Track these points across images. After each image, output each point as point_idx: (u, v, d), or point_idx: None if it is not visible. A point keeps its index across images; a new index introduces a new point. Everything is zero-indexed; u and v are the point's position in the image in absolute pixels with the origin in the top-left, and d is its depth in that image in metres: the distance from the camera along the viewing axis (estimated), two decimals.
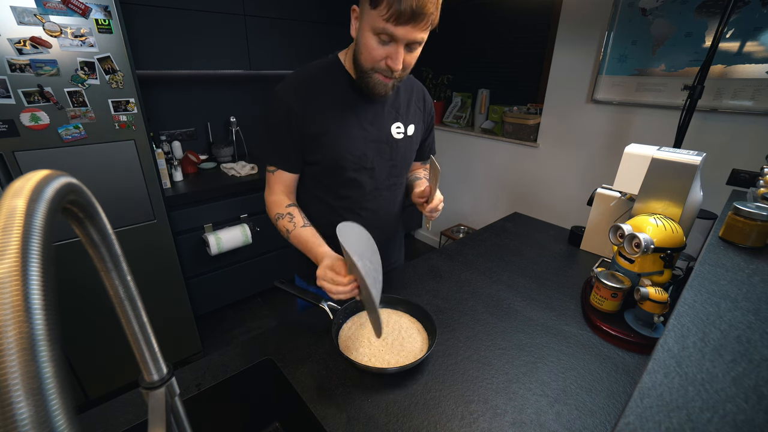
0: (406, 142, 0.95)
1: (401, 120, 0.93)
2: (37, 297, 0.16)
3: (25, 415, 0.15)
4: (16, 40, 1.19)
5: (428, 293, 0.97)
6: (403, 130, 0.94)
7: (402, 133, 0.93)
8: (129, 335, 0.36)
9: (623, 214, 1.09)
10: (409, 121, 0.95)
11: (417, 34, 0.71)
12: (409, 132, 0.95)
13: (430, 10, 0.68)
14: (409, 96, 0.96)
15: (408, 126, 0.95)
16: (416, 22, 0.69)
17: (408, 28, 0.70)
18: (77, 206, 0.25)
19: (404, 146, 0.95)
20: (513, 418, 0.63)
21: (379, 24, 0.70)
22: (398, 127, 0.93)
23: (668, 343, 0.41)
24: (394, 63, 0.74)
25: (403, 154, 0.96)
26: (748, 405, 0.32)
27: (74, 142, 1.37)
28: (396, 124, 0.92)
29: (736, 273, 0.56)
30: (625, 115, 1.92)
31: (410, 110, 0.95)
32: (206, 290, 2.09)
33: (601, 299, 0.85)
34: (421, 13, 0.67)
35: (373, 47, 0.74)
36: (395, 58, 0.74)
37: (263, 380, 0.77)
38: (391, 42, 0.72)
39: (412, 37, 0.71)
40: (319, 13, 2.31)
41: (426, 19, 0.69)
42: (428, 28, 0.72)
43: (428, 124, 1.04)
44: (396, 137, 0.92)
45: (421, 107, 0.99)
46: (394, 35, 0.70)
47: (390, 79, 0.79)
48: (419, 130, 0.99)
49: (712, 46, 1.27)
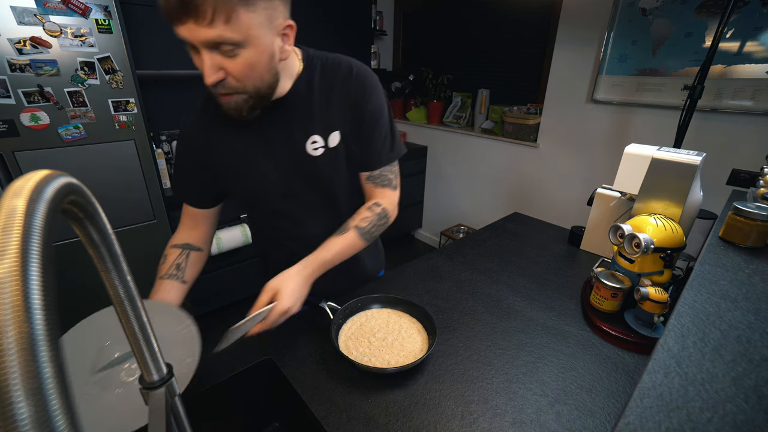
0: (329, 157, 0.76)
1: (318, 131, 0.74)
2: (37, 297, 0.16)
3: (25, 415, 0.15)
4: (16, 40, 1.20)
5: (428, 293, 0.97)
6: (322, 143, 0.75)
7: (322, 147, 0.75)
8: (129, 335, 0.36)
9: (623, 214, 1.09)
10: (332, 128, 0.75)
11: (204, 32, 0.54)
12: (332, 143, 0.75)
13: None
14: (327, 93, 0.74)
15: (330, 135, 0.75)
16: (194, 17, 0.52)
17: (189, 27, 0.53)
18: (77, 206, 0.26)
19: (328, 164, 0.76)
20: (513, 418, 0.63)
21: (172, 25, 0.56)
22: (314, 141, 0.74)
23: (668, 343, 0.41)
24: (204, 73, 0.59)
25: (330, 175, 0.78)
26: (748, 405, 0.32)
27: (74, 142, 1.37)
28: (312, 138, 0.74)
29: (736, 273, 0.56)
30: (625, 115, 1.92)
31: (330, 113, 0.74)
32: (206, 290, 2.09)
33: (601, 299, 0.85)
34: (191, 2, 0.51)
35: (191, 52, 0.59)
36: (202, 67, 0.59)
37: (263, 380, 0.77)
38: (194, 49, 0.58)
39: (202, 37, 0.54)
40: (319, 13, 2.31)
41: (202, 12, 0.52)
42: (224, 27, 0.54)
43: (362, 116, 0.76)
44: (313, 154, 0.75)
45: (351, 101, 0.75)
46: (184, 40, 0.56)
47: (228, 96, 0.63)
48: (348, 134, 0.77)
49: (712, 46, 1.27)
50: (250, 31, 0.56)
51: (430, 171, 3.10)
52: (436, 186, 3.09)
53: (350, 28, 2.53)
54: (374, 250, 1.03)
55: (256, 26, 0.57)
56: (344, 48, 2.51)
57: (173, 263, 0.80)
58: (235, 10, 0.53)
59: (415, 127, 3.08)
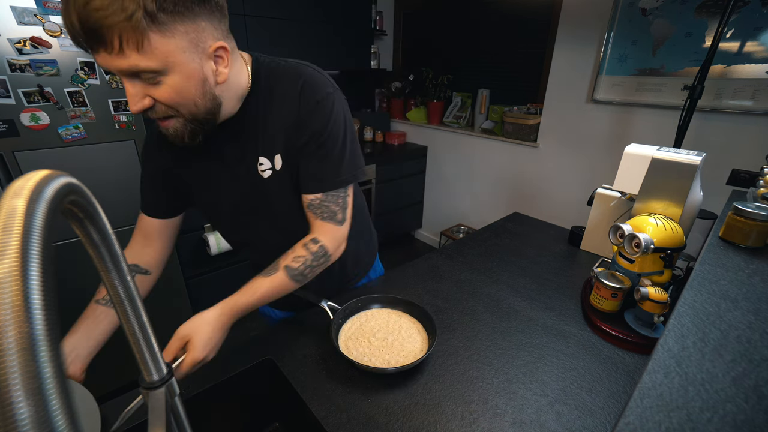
0: (277, 179, 0.71)
1: (264, 152, 0.69)
2: (37, 297, 0.16)
3: (25, 415, 0.15)
4: (16, 40, 1.20)
5: (428, 293, 0.97)
6: (269, 164, 0.70)
7: (269, 169, 0.71)
8: (129, 335, 0.36)
9: (623, 214, 1.09)
10: (275, 150, 0.69)
11: (119, 61, 0.50)
12: (277, 165, 0.70)
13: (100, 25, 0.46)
14: (270, 111, 0.68)
15: (274, 157, 0.70)
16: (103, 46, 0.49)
17: (102, 56, 0.50)
18: (77, 206, 0.26)
19: (276, 185, 0.72)
20: (513, 418, 0.63)
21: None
22: (261, 163, 0.70)
23: (668, 343, 0.41)
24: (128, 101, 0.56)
25: (279, 196, 0.73)
26: (748, 405, 0.32)
27: (74, 142, 1.37)
28: (260, 159, 0.70)
29: (736, 273, 0.56)
30: (625, 115, 1.92)
31: (274, 133, 0.68)
32: (206, 290, 2.09)
33: (601, 299, 0.85)
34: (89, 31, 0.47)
35: None
36: (126, 95, 0.55)
37: (263, 380, 0.77)
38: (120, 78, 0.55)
39: (116, 66, 0.51)
40: (319, 13, 2.31)
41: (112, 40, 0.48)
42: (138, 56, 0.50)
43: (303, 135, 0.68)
44: (263, 176, 0.71)
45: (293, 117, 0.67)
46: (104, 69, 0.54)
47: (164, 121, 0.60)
48: (295, 154, 0.70)
49: (712, 46, 1.27)
50: (169, 58, 0.52)
51: (430, 171, 3.10)
52: (436, 186, 3.09)
53: (350, 28, 2.53)
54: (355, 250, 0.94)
55: (177, 52, 0.53)
56: (344, 48, 2.51)
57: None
58: (146, 37, 0.49)
59: (415, 127, 3.08)
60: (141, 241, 0.80)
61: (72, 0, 0.46)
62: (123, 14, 0.46)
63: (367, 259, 1.03)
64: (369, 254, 1.03)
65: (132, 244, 0.80)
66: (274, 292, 0.72)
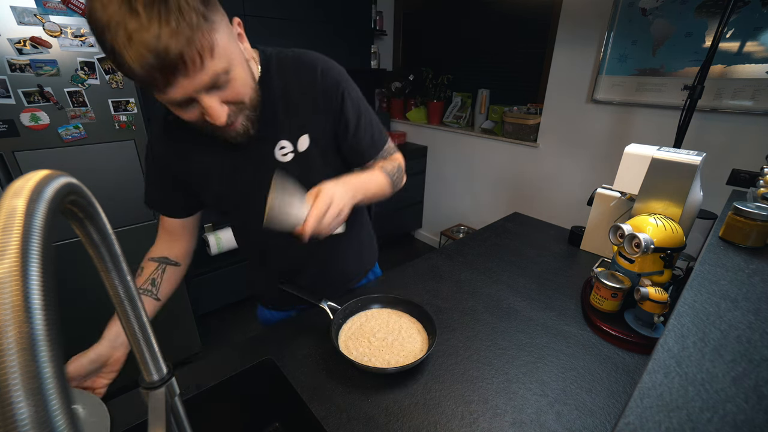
0: (300, 162, 0.71)
1: (286, 135, 0.69)
2: (37, 297, 0.16)
3: (25, 415, 0.15)
4: (16, 40, 1.20)
5: (428, 293, 0.97)
6: (290, 148, 0.70)
7: (291, 153, 0.70)
8: (129, 335, 0.36)
9: (623, 214, 1.09)
10: (298, 131, 0.70)
11: (199, 79, 0.50)
12: (301, 147, 0.70)
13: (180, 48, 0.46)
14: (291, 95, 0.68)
15: (298, 140, 0.70)
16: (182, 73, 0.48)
17: (181, 84, 0.49)
18: (77, 206, 0.25)
19: (298, 170, 0.71)
20: (513, 418, 0.63)
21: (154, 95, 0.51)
22: (282, 147, 0.70)
23: (668, 343, 0.41)
24: (214, 118, 0.55)
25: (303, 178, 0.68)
26: (748, 405, 0.32)
27: (74, 142, 1.37)
28: (280, 144, 0.69)
29: (736, 273, 0.56)
30: (625, 115, 1.92)
31: (298, 116, 0.69)
32: (206, 290, 2.09)
33: (601, 299, 0.85)
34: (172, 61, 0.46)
35: (179, 112, 0.55)
36: (211, 114, 0.54)
37: (263, 380, 0.77)
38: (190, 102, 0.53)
39: (198, 84, 0.50)
40: (319, 13, 2.31)
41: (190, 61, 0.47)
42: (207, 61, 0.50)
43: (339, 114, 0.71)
44: (282, 161, 0.70)
45: (319, 98, 0.69)
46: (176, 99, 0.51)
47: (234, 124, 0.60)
48: (320, 136, 0.72)
49: (712, 46, 1.27)
50: (227, 51, 0.53)
51: (430, 171, 3.10)
52: (436, 186, 3.09)
53: (350, 28, 2.53)
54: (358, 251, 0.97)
55: (228, 42, 0.53)
56: (344, 48, 2.51)
57: (148, 278, 0.76)
58: (211, 38, 0.49)
59: (415, 127, 3.08)
60: (166, 238, 0.80)
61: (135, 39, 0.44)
62: (192, 28, 0.46)
63: (369, 259, 1.03)
64: (371, 254, 1.04)
65: (159, 240, 0.80)
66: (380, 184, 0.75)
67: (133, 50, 0.44)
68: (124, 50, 0.44)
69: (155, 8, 0.44)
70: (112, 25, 0.44)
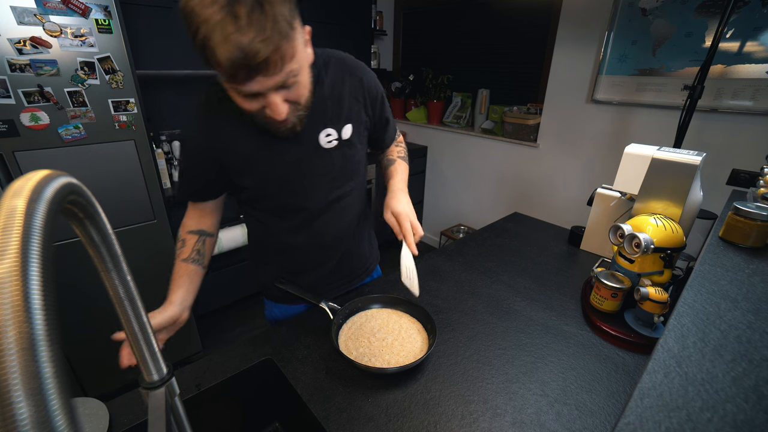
0: (343, 148, 0.80)
1: (332, 124, 0.77)
2: (37, 297, 0.16)
3: (25, 415, 0.15)
4: (16, 40, 1.19)
5: (428, 293, 0.97)
6: (335, 136, 0.78)
7: (335, 140, 0.78)
8: (129, 335, 0.36)
9: (623, 214, 1.09)
10: (343, 121, 0.79)
11: (274, 79, 0.55)
12: (345, 135, 0.79)
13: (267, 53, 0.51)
14: (339, 90, 0.77)
15: (343, 128, 0.79)
16: (262, 72, 0.53)
17: (259, 80, 0.54)
18: (77, 206, 0.26)
19: (341, 155, 0.80)
20: (513, 418, 0.63)
21: (228, 86, 0.57)
22: (328, 134, 0.77)
23: (668, 343, 0.41)
24: (274, 113, 0.61)
25: (342, 165, 0.81)
26: (748, 405, 0.32)
27: (74, 142, 1.37)
28: (326, 132, 0.77)
29: (736, 273, 0.56)
30: (625, 115, 1.92)
31: (343, 106, 0.78)
32: (206, 290, 2.09)
33: (601, 299, 0.85)
34: (259, 62, 0.51)
35: (242, 102, 0.60)
36: (273, 109, 0.60)
37: (263, 380, 0.77)
38: (257, 95, 0.58)
39: (272, 84, 0.56)
40: (319, 13, 2.31)
41: (272, 64, 0.53)
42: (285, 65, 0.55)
43: (377, 110, 0.85)
44: (326, 147, 0.78)
45: (360, 96, 0.80)
46: (251, 93, 0.57)
47: (286, 120, 0.65)
48: (360, 126, 0.82)
49: (712, 46, 1.27)
50: (300, 55, 0.58)
51: (430, 171, 3.10)
52: (436, 186, 3.09)
53: (350, 28, 2.53)
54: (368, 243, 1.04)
55: (302, 48, 0.59)
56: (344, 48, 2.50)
57: (193, 248, 0.81)
58: (293, 46, 0.55)
59: (415, 127, 3.08)
60: (198, 215, 0.84)
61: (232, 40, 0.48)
62: (281, 36, 0.52)
63: (372, 258, 1.05)
64: (372, 253, 1.05)
65: (189, 216, 0.85)
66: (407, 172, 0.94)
67: (227, 49, 0.49)
68: (218, 46, 0.49)
69: (255, 16, 0.49)
70: (211, 22, 0.48)
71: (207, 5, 0.48)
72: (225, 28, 0.48)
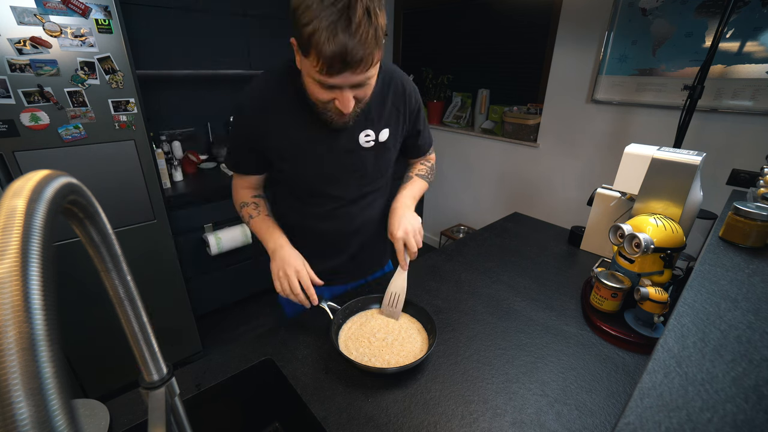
0: (378, 149, 0.86)
1: (372, 126, 0.83)
2: (37, 297, 0.16)
3: (25, 415, 0.15)
4: (16, 40, 1.19)
5: (428, 293, 0.97)
6: (373, 137, 0.84)
7: (372, 141, 0.84)
8: (129, 335, 0.36)
9: (623, 214, 1.09)
10: (382, 126, 0.85)
11: (357, 77, 0.64)
12: (381, 138, 0.85)
13: (363, 54, 0.60)
14: (383, 95, 0.84)
15: (380, 131, 0.85)
16: (352, 69, 0.61)
17: (345, 75, 0.62)
18: (77, 206, 0.26)
19: (374, 155, 0.87)
20: (513, 418, 0.63)
21: (314, 74, 0.64)
22: (367, 135, 0.83)
23: (668, 343, 0.41)
24: (342, 106, 0.68)
25: (374, 163, 0.88)
26: (748, 405, 0.32)
27: (74, 142, 1.37)
28: (365, 132, 0.83)
29: (736, 273, 0.56)
30: (625, 115, 1.92)
31: (384, 112, 0.85)
32: (206, 290, 2.09)
33: (601, 299, 0.85)
34: (354, 60, 0.60)
35: (317, 91, 0.68)
36: (343, 102, 0.67)
37: (263, 380, 0.77)
38: (334, 87, 0.66)
39: (353, 81, 0.64)
40: None
41: (363, 64, 0.61)
42: (371, 68, 0.64)
43: (412, 120, 0.92)
44: (364, 146, 0.84)
45: (401, 105, 0.87)
46: (333, 84, 0.64)
47: (345, 115, 0.72)
48: (396, 132, 0.89)
49: (712, 46, 1.27)
50: (379, 62, 0.67)
51: None
52: (436, 186, 3.09)
53: None
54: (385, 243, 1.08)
55: (382, 54, 0.67)
56: None
57: (267, 207, 0.91)
58: (380, 52, 0.64)
59: None
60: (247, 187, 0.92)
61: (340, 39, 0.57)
62: (376, 43, 0.61)
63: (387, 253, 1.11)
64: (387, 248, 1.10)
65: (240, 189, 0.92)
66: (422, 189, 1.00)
67: (335, 45, 0.57)
68: (327, 41, 0.57)
69: (364, 23, 0.57)
70: (325, 20, 0.56)
71: (327, 6, 0.56)
72: (337, 28, 0.56)
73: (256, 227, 0.88)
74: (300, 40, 0.60)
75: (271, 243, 0.83)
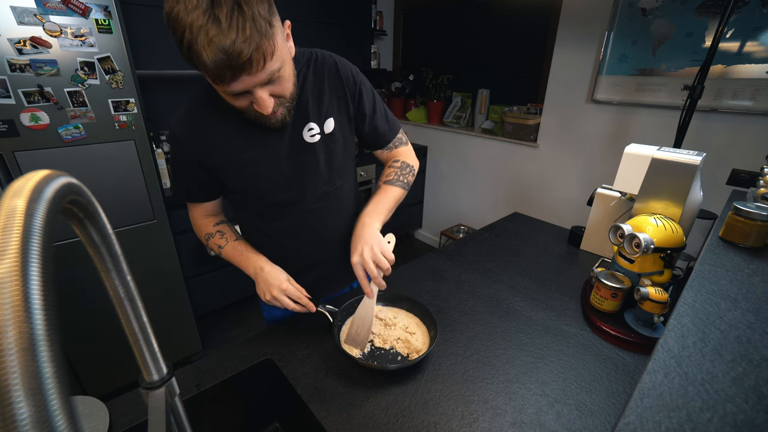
0: (326, 142, 0.81)
1: (313, 119, 0.78)
2: (37, 297, 0.16)
3: (25, 415, 0.15)
4: (16, 40, 1.19)
5: (428, 293, 0.97)
6: (317, 130, 0.79)
7: (318, 134, 0.79)
8: (129, 335, 0.36)
9: (623, 214, 1.09)
10: (324, 116, 0.79)
11: (258, 77, 0.58)
12: (327, 129, 0.80)
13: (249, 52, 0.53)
14: (320, 86, 0.78)
15: (324, 122, 0.80)
16: (246, 71, 0.55)
17: (243, 80, 0.57)
18: (77, 206, 0.25)
19: (324, 149, 0.81)
20: (513, 418, 0.63)
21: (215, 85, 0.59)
22: (311, 128, 0.78)
23: (668, 343, 0.41)
24: (261, 108, 0.63)
25: (326, 159, 0.82)
26: (748, 405, 0.32)
27: (74, 142, 1.37)
28: (308, 126, 0.78)
29: (736, 273, 0.56)
30: (625, 115, 1.92)
31: (324, 101, 0.79)
32: (206, 290, 2.09)
33: (601, 299, 0.85)
34: (242, 62, 0.53)
35: (230, 100, 0.63)
36: (259, 104, 0.62)
37: (263, 380, 0.77)
38: (242, 93, 0.60)
39: (257, 81, 0.58)
40: (320, 13, 2.31)
41: (254, 63, 0.55)
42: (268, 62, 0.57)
43: (355, 104, 0.84)
44: (309, 141, 0.79)
45: (339, 90, 0.81)
46: (236, 92, 0.59)
47: (274, 113, 0.67)
48: (342, 121, 0.83)
49: (712, 46, 1.27)
50: (281, 52, 0.60)
51: (430, 171, 3.10)
52: (436, 186, 3.09)
53: (350, 28, 2.53)
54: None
55: (282, 44, 0.60)
56: (345, 48, 2.51)
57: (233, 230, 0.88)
58: (274, 43, 0.56)
59: (415, 127, 3.08)
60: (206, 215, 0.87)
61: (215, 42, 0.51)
62: (261, 35, 0.53)
63: None
64: None
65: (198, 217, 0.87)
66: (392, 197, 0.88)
67: (211, 51, 0.52)
68: (202, 50, 0.52)
69: (234, 18, 0.51)
70: (194, 27, 0.50)
71: (190, 10, 0.50)
72: (208, 32, 0.50)
73: (229, 256, 0.84)
74: (183, 56, 0.55)
75: (251, 268, 0.81)
